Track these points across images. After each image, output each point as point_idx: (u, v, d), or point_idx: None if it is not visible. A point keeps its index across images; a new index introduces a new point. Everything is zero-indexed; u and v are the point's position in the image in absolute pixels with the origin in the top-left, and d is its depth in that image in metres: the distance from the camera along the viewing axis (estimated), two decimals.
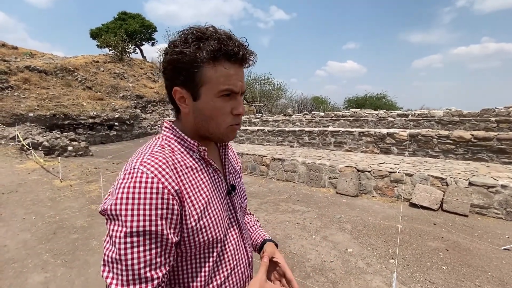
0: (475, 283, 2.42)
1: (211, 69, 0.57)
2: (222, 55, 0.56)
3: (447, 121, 7.15)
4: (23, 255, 2.86)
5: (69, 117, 12.52)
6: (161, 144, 0.62)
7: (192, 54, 0.56)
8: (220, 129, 0.63)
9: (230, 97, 0.60)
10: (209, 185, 0.64)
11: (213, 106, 0.60)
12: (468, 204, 4.22)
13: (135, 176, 0.52)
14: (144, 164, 0.54)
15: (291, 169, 6.34)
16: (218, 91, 0.58)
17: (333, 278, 2.49)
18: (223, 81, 0.58)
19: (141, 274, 0.51)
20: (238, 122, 0.64)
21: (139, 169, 0.53)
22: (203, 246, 0.60)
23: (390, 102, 24.26)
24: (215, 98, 0.59)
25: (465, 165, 5.36)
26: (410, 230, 3.55)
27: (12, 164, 6.99)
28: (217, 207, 0.64)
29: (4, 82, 12.35)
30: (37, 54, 18.48)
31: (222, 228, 0.64)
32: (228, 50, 0.56)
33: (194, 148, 0.64)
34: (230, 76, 0.58)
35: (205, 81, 0.58)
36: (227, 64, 0.58)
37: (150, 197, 0.51)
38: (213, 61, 0.56)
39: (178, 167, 0.58)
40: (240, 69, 0.61)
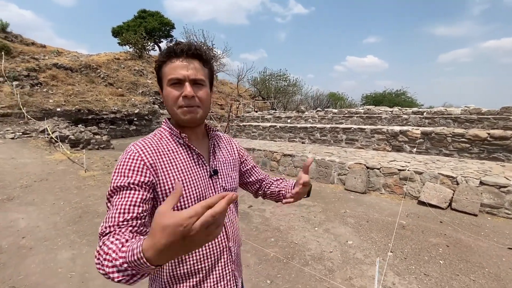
0: (470, 277, 2.48)
1: (165, 66, 0.78)
2: (170, 54, 0.77)
3: (464, 119, 6.94)
4: (53, 234, 3.23)
5: (92, 112, 13.25)
6: (154, 133, 0.84)
7: (158, 60, 0.79)
8: (174, 111, 0.79)
9: (179, 85, 0.77)
10: (187, 165, 0.81)
11: (166, 93, 0.78)
12: (478, 204, 4.18)
13: (127, 152, 0.75)
14: (135, 145, 0.77)
15: (301, 165, 6.46)
16: (167, 79, 0.77)
17: (330, 267, 2.64)
18: (170, 72, 0.77)
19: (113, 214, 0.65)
20: (187, 104, 0.78)
21: (130, 148, 0.76)
22: None
23: (410, 99, 23.51)
24: (167, 87, 0.78)
25: (479, 165, 5.25)
26: (414, 226, 3.61)
27: (42, 155, 7.61)
28: (192, 182, 0.79)
29: (34, 79, 13.25)
30: (63, 52, 19.54)
31: (193, 200, 0.78)
32: (173, 49, 0.76)
33: (178, 135, 0.83)
34: (175, 67, 0.76)
35: (162, 76, 0.79)
36: (173, 59, 0.77)
37: (130, 162, 0.72)
38: (167, 60, 0.77)
39: (160, 149, 0.79)
40: (185, 61, 0.77)
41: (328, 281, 2.41)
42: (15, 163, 6.43)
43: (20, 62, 14.14)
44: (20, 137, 9.11)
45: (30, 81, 12.99)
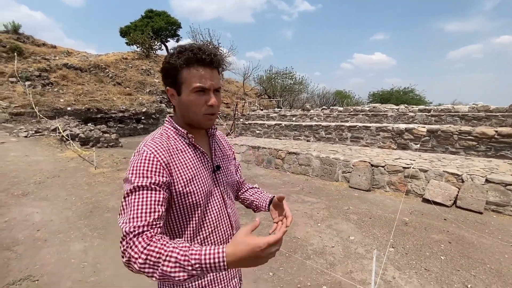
0: (471, 273, 2.51)
1: (187, 72, 0.79)
2: (194, 61, 0.78)
3: (471, 116, 6.85)
4: (66, 228, 3.38)
5: (101, 111, 13.55)
6: (161, 132, 0.87)
7: (174, 62, 0.79)
8: (197, 117, 0.83)
9: (204, 93, 0.80)
10: (195, 163, 0.86)
11: (190, 100, 0.81)
12: (484, 201, 4.16)
13: (140, 153, 0.77)
14: (147, 145, 0.79)
15: (305, 163, 6.51)
16: (192, 87, 0.79)
17: (332, 261, 2.71)
18: (195, 80, 0.79)
19: (140, 213, 0.69)
20: (211, 112, 0.84)
21: (143, 149, 0.78)
22: (188, 208, 0.82)
23: (418, 96, 23.14)
24: (191, 93, 0.80)
25: (486, 162, 5.20)
26: (417, 223, 3.63)
27: (54, 153, 7.85)
28: (200, 179, 0.85)
29: (46, 79, 13.61)
30: (73, 52, 19.97)
31: (203, 196, 0.84)
32: (198, 57, 0.78)
33: (184, 135, 0.86)
34: (201, 76, 0.79)
35: (183, 81, 0.80)
36: (199, 68, 0.79)
37: (147, 163, 0.75)
38: (188, 66, 0.78)
39: (171, 149, 0.82)
40: (211, 71, 0.81)
41: (329, 274, 2.48)
42: (29, 161, 6.67)
43: (32, 62, 14.54)
44: (33, 135, 9.41)
45: (42, 81, 13.36)
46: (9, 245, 2.93)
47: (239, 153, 8.17)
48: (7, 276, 2.40)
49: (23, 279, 2.36)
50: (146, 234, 0.66)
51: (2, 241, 3.00)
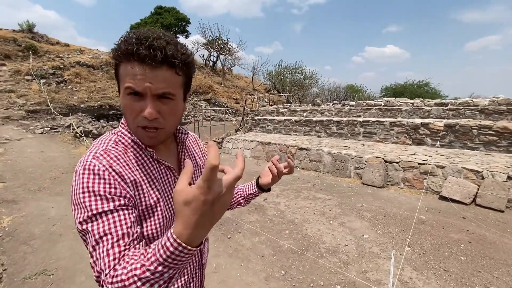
0: (493, 274, 2.38)
1: (123, 68, 0.59)
2: (130, 54, 0.57)
3: (492, 110, 6.54)
4: None
5: (113, 108, 13.77)
6: (115, 141, 0.65)
7: (115, 51, 0.60)
8: (133, 128, 0.64)
9: (139, 97, 0.59)
10: (159, 180, 0.67)
11: (124, 103, 0.61)
12: (505, 199, 3.97)
13: (90, 169, 0.56)
14: (97, 157, 0.58)
15: (316, 159, 6.40)
16: (124, 88, 0.59)
17: (345, 260, 2.64)
18: (128, 79, 0.58)
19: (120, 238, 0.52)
20: (145, 124, 0.61)
21: (92, 162, 0.57)
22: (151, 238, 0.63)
23: (433, 90, 22.41)
24: (125, 95, 0.60)
25: (507, 158, 4.96)
26: (434, 221, 3.50)
27: (69, 149, 8.05)
28: (163, 205, 0.66)
29: (60, 77, 13.93)
30: (86, 50, 20.32)
31: (164, 228, 0.66)
32: (133, 51, 0.56)
33: (142, 146, 0.66)
34: (134, 75, 0.57)
35: (120, 78, 0.61)
36: (134, 64, 0.57)
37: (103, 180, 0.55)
38: (125, 60, 0.58)
39: (130, 164, 0.62)
40: (151, 70, 0.57)
41: (342, 273, 2.41)
42: (45, 156, 6.86)
43: (47, 61, 14.89)
44: (48, 132, 9.67)
45: (56, 79, 13.68)
46: (25, 239, 3.00)
47: (248, 149, 8.13)
48: (23, 270, 2.46)
49: (38, 273, 2.41)
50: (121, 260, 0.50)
51: (19, 235, 3.08)
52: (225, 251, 2.73)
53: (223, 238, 3.04)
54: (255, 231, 3.23)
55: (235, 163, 0.49)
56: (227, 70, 27.16)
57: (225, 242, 2.95)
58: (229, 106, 19.09)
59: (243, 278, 2.38)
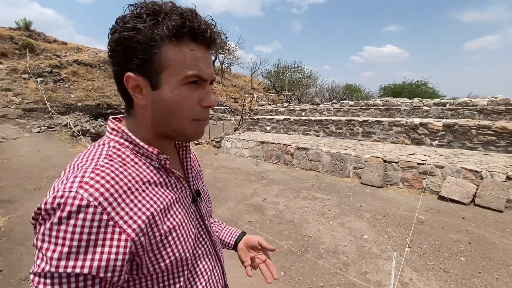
0: (493, 275, 2.38)
1: (173, 50, 0.47)
2: (187, 33, 0.47)
3: (490, 110, 6.55)
4: None
5: (111, 107, 13.69)
6: (108, 154, 0.48)
7: (149, 30, 0.45)
8: (182, 124, 0.52)
9: (197, 86, 0.51)
10: (172, 199, 0.54)
11: (178, 96, 0.49)
12: (504, 199, 3.97)
13: (75, 205, 0.39)
14: (86, 186, 0.41)
15: (315, 159, 6.39)
16: (184, 76, 0.48)
17: (345, 260, 2.62)
18: (189, 65, 0.48)
19: None
20: (206, 117, 0.54)
21: (79, 194, 0.40)
22: (168, 270, 0.52)
23: (431, 89, 22.48)
24: (181, 86, 0.49)
25: (506, 158, 4.97)
26: (433, 222, 3.49)
27: (66, 148, 7.99)
28: (182, 223, 0.54)
29: (57, 75, 13.82)
30: (83, 48, 20.18)
31: (189, 246, 0.55)
32: (194, 27, 0.47)
33: (153, 157, 0.52)
34: (197, 59, 0.49)
35: (167, 64, 0.47)
36: (192, 45, 0.48)
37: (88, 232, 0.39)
38: (176, 40, 0.47)
39: (132, 186, 0.47)
40: (207, 53, 0.52)
41: (342, 274, 2.39)
42: (41, 156, 6.80)
43: (44, 59, 14.77)
44: (45, 131, 9.59)
45: (53, 77, 13.58)
46: (22, 240, 2.96)
47: (247, 149, 8.11)
48: (19, 271, 2.42)
49: None
50: None
51: (15, 236, 3.04)
52: (224, 252, 2.70)
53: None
54: (254, 231, 3.21)
55: None
56: (225, 69, 27.09)
57: None
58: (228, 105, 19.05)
59: (242, 280, 2.35)
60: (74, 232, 0.39)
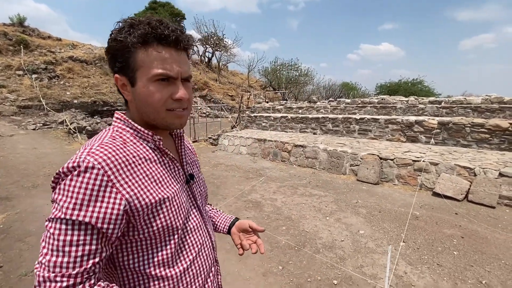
0: (485, 268, 2.45)
1: (143, 53, 0.57)
2: (153, 38, 0.57)
3: (484, 108, 6.65)
4: None
5: (107, 104, 13.60)
6: (112, 135, 0.61)
7: (123, 39, 0.57)
8: (158, 115, 0.61)
9: (168, 83, 0.60)
10: (165, 175, 0.64)
11: (148, 91, 0.58)
12: (496, 196, 4.07)
13: (83, 167, 0.51)
14: (93, 154, 0.53)
15: (312, 156, 6.45)
16: (152, 75, 0.57)
17: (342, 255, 2.68)
18: (156, 65, 0.57)
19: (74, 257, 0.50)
20: (178, 106, 0.62)
21: (87, 159, 0.52)
22: (160, 234, 0.61)
23: (427, 88, 22.67)
24: (150, 83, 0.58)
25: (499, 156, 5.07)
26: (428, 217, 3.57)
27: (62, 146, 7.94)
28: (174, 196, 0.63)
29: (52, 72, 13.67)
30: (78, 45, 19.95)
31: (180, 217, 0.64)
32: (157, 33, 0.57)
33: (149, 138, 0.64)
34: (164, 59, 0.58)
35: (139, 65, 0.58)
36: (159, 48, 0.57)
37: (92, 186, 0.51)
38: (144, 45, 0.57)
39: (130, 159, 0.58)
40: (177, 53, 0.60)
41: (339, 268, 2.45)
42: (37, 153, 6.76)
43: (38, 55, 14.59)
44: (40, 128, 9.51)
45: (48, 74, 13.42)
46: (21, 236, 2.97)
47: (245, 146, 8.14)
48: (19, 267, 2.44)
49: None
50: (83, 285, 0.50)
51: (14, 233, 3.04)
52: (223, 247, 2.74)
53: (220, 235, 3.05)
54: None
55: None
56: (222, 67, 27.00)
57: (223, 238, 2.96)
58: (225, 103, 19.02)
59: (241, 273, 2.40)
60: (81, 187, 0.51)
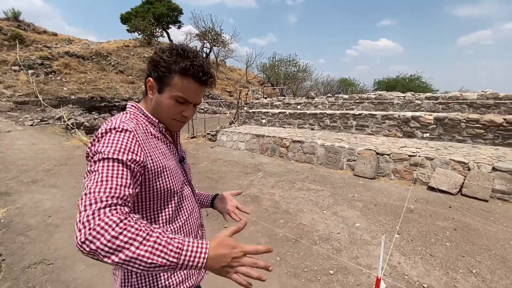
0: (476, 258, 2.54)
1: (178, 79, 0.77)
2: (191, 75, 0.77)
3: (480, 104, 6.74)
4: (76, 214, 3.45)
5: (104, 100, 13.53)
6: (130, 117, 0.81)
7: (168, 63, 0.77)
8: (167, 120, 0.84)
9: (183, 104, 0.81)
10: (167, 151, 0.85)
11: (168, 103, 0.80)
12: (489, 189, 4.16)
13: (119, 129, 0.69)
14: (123, 123, 0.72)
15: (309, 151, 6.51)
16: (176, 95, 0.79)
17: (338, 246, 2.75)
18: (183, 91, 0.78)
19: (115, 184, 0.60)
20: (182, 120, 0.85)
21: (121, 125, 0.70)
22: (164, 194, 0.79)
23: (424, 84, 22.77)
24: (170, 99, 0.79)
25: (493, 151, 5.16)
26: (422, 210, 3.65)
27: (60, 141, 7.93)
28: (173, 166, 0.84)
29: (48, 67, 13.55)
30: (74, 40, 19.75)
31: (178, 183, 0.84)
32: (194, 72, 0.77)
33: (155, 123, 0.84)
34: (190, 89, 0.79)
35: (171, 84, 0.78)
36: (191, 81, 0.78)
37: (126, 140, 0.68)
38: (181, 75, 0.77)
39: (144, 133, 0.79)
40: (199, 88, 0.81)
41: (335, 259, 2.52)
42: (36, 149, 6.76)
43: (34, 50, 14.44)
44: (38, 124, 9.48)
45: (44, 69, 13.31)
46: (22, 230, 3.01)
47: (243, 142, 8.18)
48: (22, 259, 2.48)
49: (38, 262, 2.44)
50: (121, 209, 0.57)
51: (15, 227, 3.08)
52: None
53: (220, 228, 3.12)
54: (251, 220, 3.31)
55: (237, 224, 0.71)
56: (220, 62, 26.85)
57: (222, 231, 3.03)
58: (223, 99, 18.99)
59: None
60: (119, 139, 0.68)
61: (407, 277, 2.29)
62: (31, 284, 2.18)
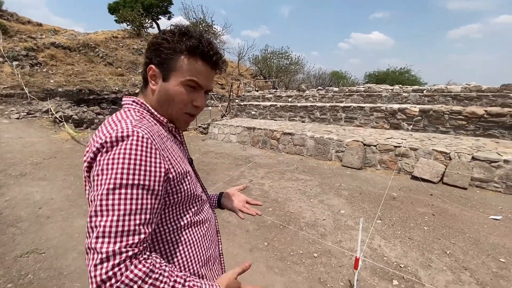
0: (451, 241, 2.71)
1: (185, 60, 0.66)
2: (199, 54, 0.67)
3: (463, 96, 6.96)
4: (67, 205, 3.48)
5: (93, 92, 13.29)
6: (137, 115, 0.66)
7: (173, 43, 0.66)
8: (177, 113, 0.71)
9: (194, 89, 0.69)
10: (182, 154, 0.74)
11: (177, 91, 0.67)
12: (468, 178, 4.37)
13: (134, 136, 0.55)
14: (136, 128, 0.57)
15: (300, 143, 6.63)
16: (185, 79, 0.67)
17: (323, 232, 2.89)
18: (192, 73, 0.67)
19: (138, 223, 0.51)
20: (194, 113, 0.74)
21: (134, 130, 0.56)
22: (186, 200, 0.69)
23: (413, 77, 23.16)
24: (181, 85, 0.67)
25: (473, 141, 5.38)
26: (404, 198, 3.83)
27: (48, 135, 7.81)
28: (191, 171, 0.75)
29: (33, 59, 13.16)
30: (60, 30, 19.14)
31: (198, 188, 0.76)
32: (204, 51, 0.67)
33: (164, 123, 0.71)
34: (200, 71, 0.68)
35: (177, 68, 0.66)
36: (200, 62, 0.67)
37: (145, 151, 0.55)
38: (189, 54, 0.66)
39: (159, 136, 0.65)
40: (210, 71, 0.70)
41: (320, 243, 2.66)
42: (23, 142, 6.65)
43: (18, 41, 13.96)
44: (25, 117, 9.28)
45: (30, 61, 12.92)
46: (13, 222, 3.03)
47: (234, 134, 8.23)
48: (14, 249, 2.52)
49: (30, 252, 2.49)
50: (143, 255, 0.51)
51: (5, 219, 3.10)
52: None
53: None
54: None
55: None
56: None
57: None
58: (215, 92, 18.87)
59: (229, 250, 2.56)
60: (137, 152, 0.55)
61: (386, 258, 2.44)
62: (23, 272, 2.23)
